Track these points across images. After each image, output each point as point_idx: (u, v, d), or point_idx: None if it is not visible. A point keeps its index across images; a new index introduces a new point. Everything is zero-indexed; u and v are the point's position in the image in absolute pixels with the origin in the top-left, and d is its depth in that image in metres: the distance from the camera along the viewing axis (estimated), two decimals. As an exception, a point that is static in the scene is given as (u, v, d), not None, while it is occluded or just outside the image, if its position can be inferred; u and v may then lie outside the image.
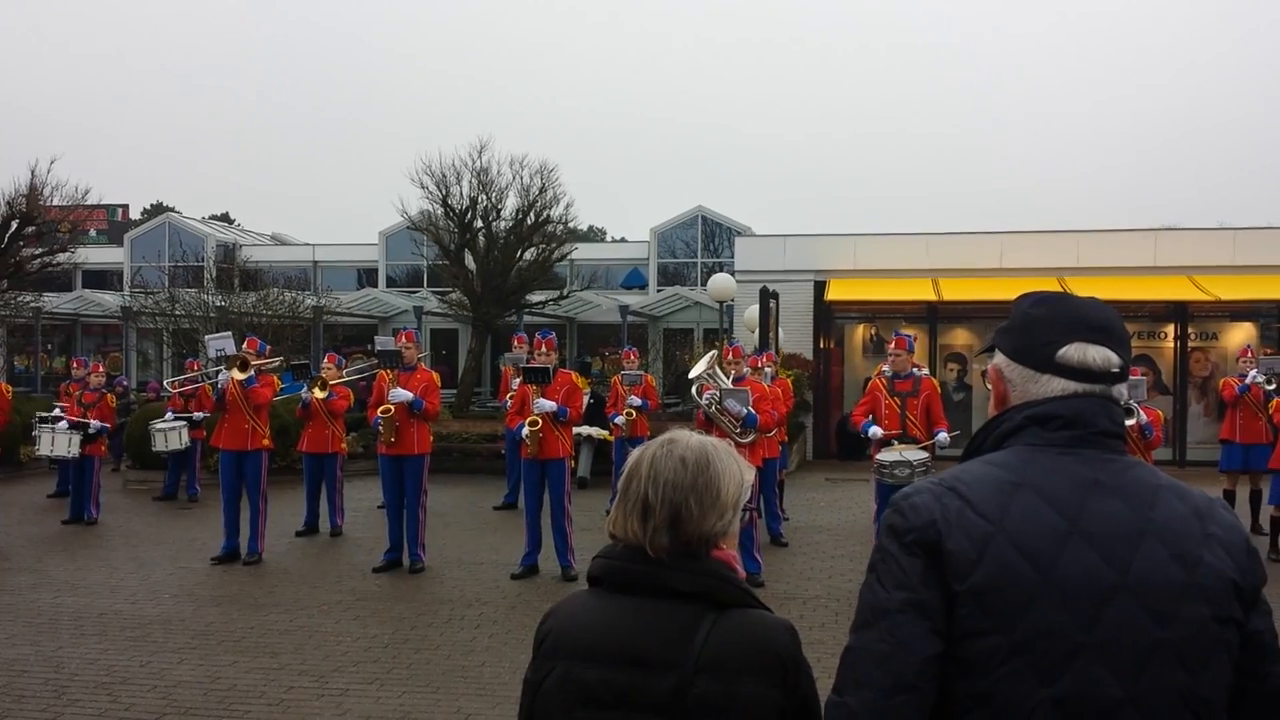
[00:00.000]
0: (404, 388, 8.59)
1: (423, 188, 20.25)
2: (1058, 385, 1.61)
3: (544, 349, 8.54)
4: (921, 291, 16.62)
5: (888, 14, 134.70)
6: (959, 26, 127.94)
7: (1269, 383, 10.27)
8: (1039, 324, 1.65)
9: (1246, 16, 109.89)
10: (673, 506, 1.69)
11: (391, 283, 30.89)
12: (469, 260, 20.66)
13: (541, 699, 1.72)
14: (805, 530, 10.50)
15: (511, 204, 20.75)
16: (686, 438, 1.79)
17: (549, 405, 8.27)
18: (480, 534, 10.27)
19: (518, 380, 9.11)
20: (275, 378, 9.73)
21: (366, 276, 31.62)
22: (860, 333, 18.28)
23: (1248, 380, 10.25)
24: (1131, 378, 7.44)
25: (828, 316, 17.97)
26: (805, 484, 14.02)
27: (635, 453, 1.83)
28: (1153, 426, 8.55)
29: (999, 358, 1.71)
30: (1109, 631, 1.45)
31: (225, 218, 47.90)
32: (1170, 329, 17.21)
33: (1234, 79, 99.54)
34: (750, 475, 1.81)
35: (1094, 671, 1.44)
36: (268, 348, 10.17)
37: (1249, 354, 10.95)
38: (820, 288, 17.52)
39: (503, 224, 20.77)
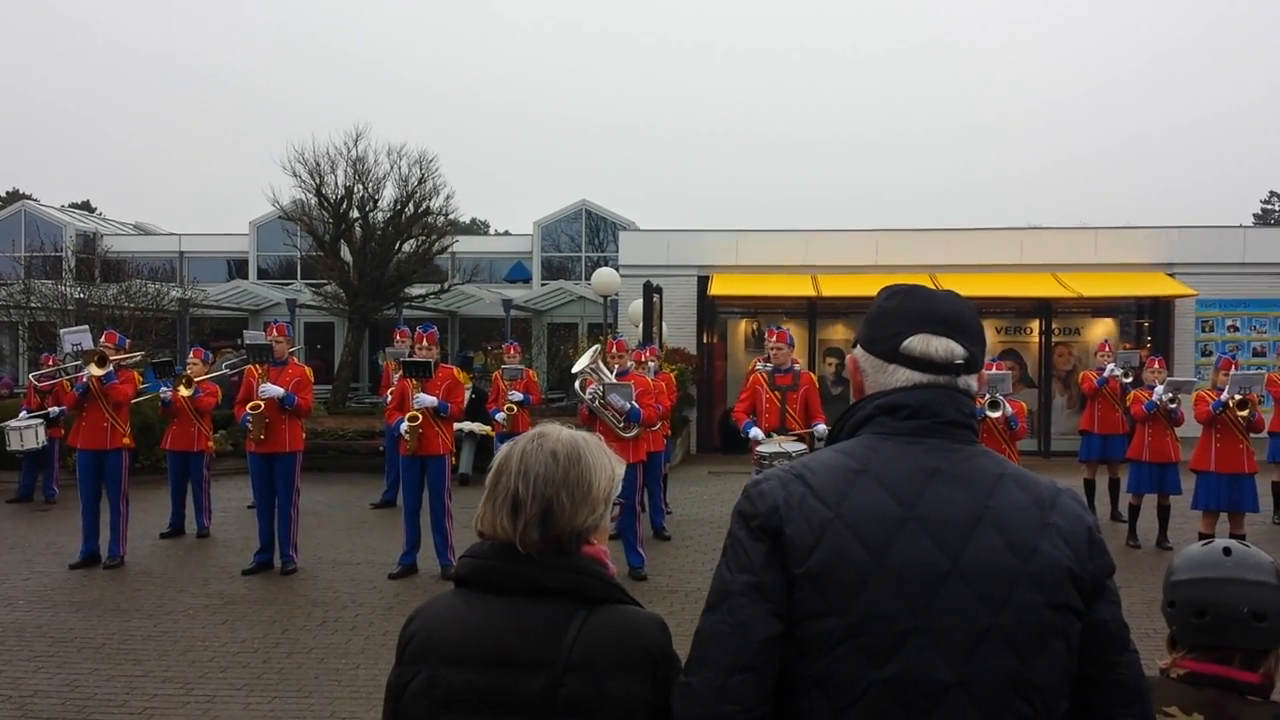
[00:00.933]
0: (275, 383, 8.31)
1: (295, 176, 19.57)
2: (903, 375, 1.64)
3: (425, 343, 8.40)
4: (801, 287, 16.91)
5: (772, 15, 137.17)
6: (840, 28, 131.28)
7: (1126, 375, 10.78)
8: (889, 315, 1.69)
9: (1113, 25, 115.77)
10: (544, 501, 1.67)
11: (263, 274, 30.02)
12: (345, 252, 20.09)
13: (406, 703, 1.67)
14: (688, 523, 10.55)
15: (389, 194, 20.25)
16: (557, 432, 1.76)
17: (429, 400, 8.14)
18: (356, 533, 10.02)
19: (398, 375, 8.90)
20: (136, 374, 9.29)
21: (236, 268, 30.65)
22: (743, 328, 18.51)
23: (1106, 373, 10.72)
24: (998, 371, 7.75)
25: (711, 311, 18.13)
26: (689, 477, 14.10)
27: (504, 448, 1.79)
28: (1017, 418, 8.85)
29: (857, 349, 1.75)
30: (940, 616, 1.47)
31: (86, 206, 45.71)
32: (1035, 324, 17.93)
33: (1096, 87, 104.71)
34: (620, 469, 1.80)
35: (924, 655, 1.46)
36: (128, 342, 9.68)
37: (1107, 348, 11.47)
38: (703, 283, 17.66)
39: (380, 215, 20.23)
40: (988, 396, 8.71)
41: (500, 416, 11.16)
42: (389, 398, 9.60)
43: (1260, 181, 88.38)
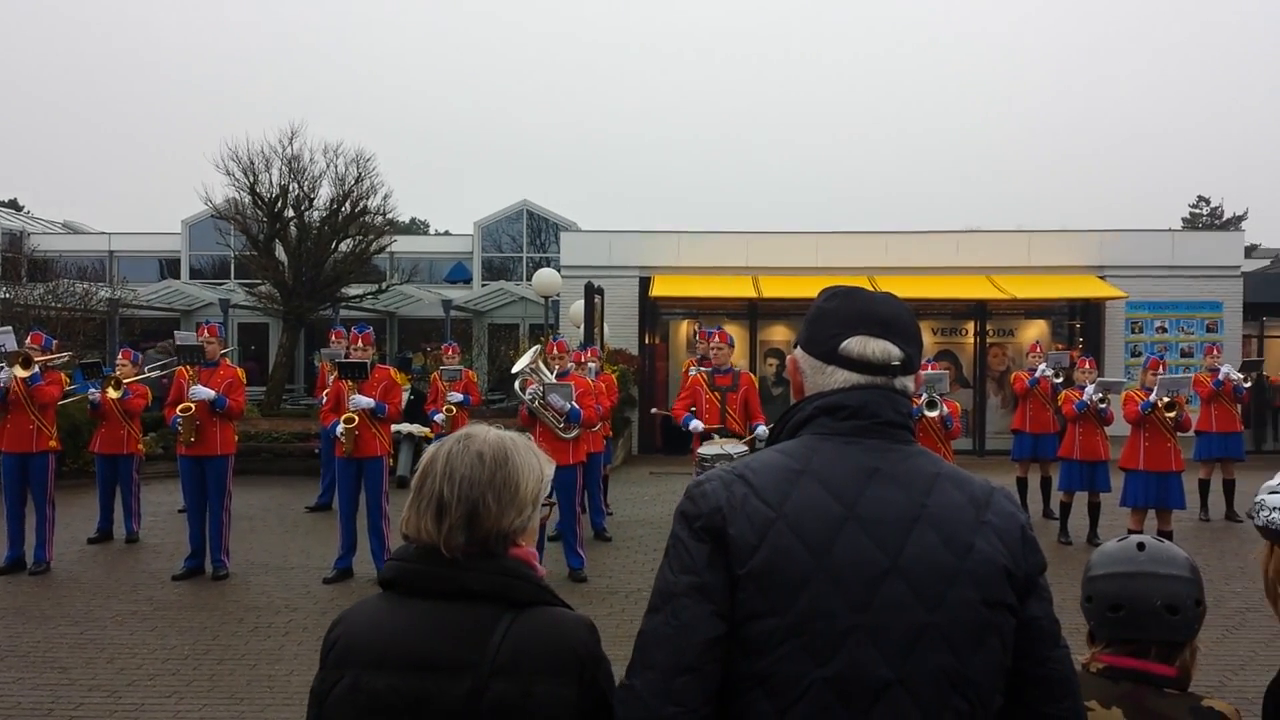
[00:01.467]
0: (206, 385, 8.14)
1: (229, 174, 19.20)
2: (841, 377, 1.66)
3: (360, 344, 8.29)
4: (742, 288, 17.02)
5: (716, 18, 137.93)
6: (781, 31, 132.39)
7: (1057, 376, 11.00)
8: (828, 317, 1.70)
9: (1047, 37, 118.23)
10: (469, 504, 1.65)
11: (196, 274, 29.45)
12: (280, 251, 19.76)
13: (329, 709, 1.64)
14: (629, 524, 10.55)
15: (325, 193, 19.95)
16: (484, 432, 1.74)
17: (366, 401, 8.04)
18: (291, 537, 9.85)
19: (333, 376, 8.77)
20: (64, 375, 9.05)
21: (168, 267, 30.03)
22: (684, 329, 18.56)
23: (1037, 374, 10.94)
24: (934, 372, 7.84)
25: (653, 312, 18.17)
26: (630, 478, 14.10)
27: (430, 449, 1.76)
28: (953, 418, 9.00)
29: (797, 350, 1.76)
30: (879, 614, 1.48)
31: (13, 204, 44.36)
32: (971, 326, 18.24)
33: (1034, 98, 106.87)
34: (550, 470, 1.78)
35: (865, 652, 1.47)
36: (55, 343, 9.43)
37: (1038, 349, 11.71)
38: (645, 284, 17.70)
39: (316, 214, 19.93)
40: (925, 396, 8.83)
41: (439, 418, 11.05)
42: (324, 399, 9.46)
43: (1188, 187, 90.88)
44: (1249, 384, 11.52)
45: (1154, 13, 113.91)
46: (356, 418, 8.03)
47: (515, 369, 8.38)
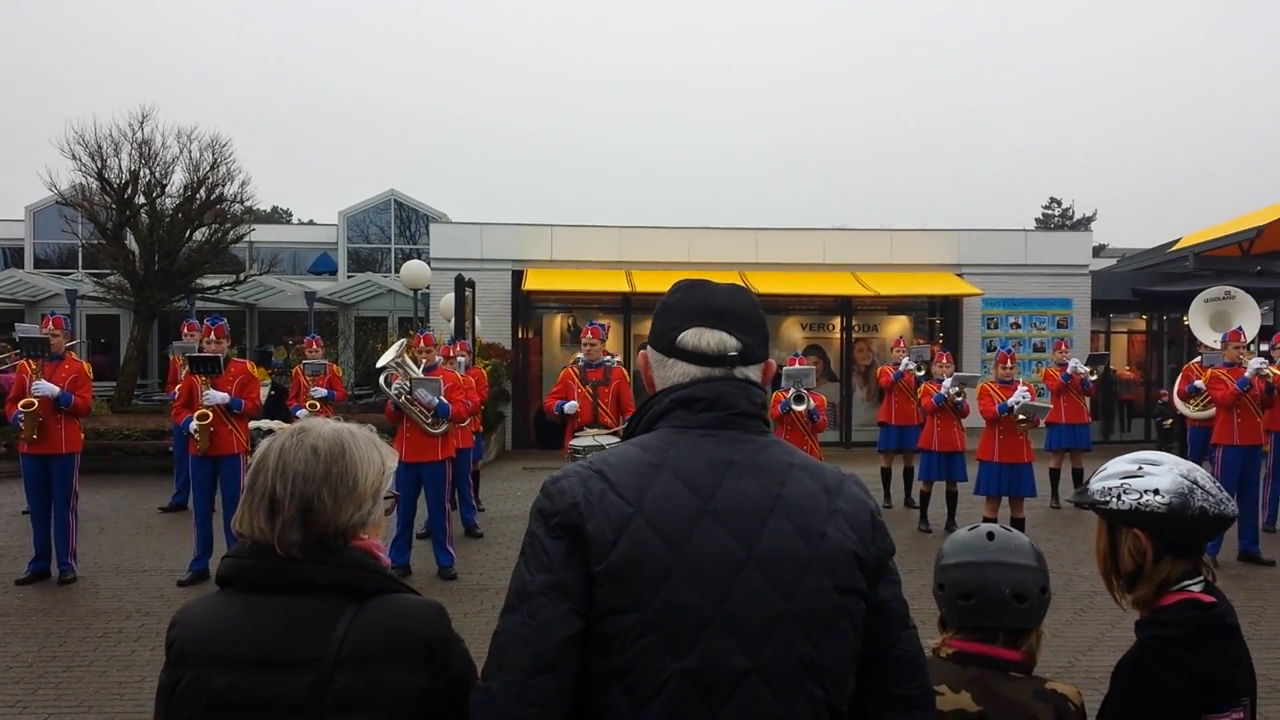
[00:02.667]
0: (50, 379, 7.70)
1: (75, 159, 18.13)
2: (679, 369, 1.67)
3: (213, 337, 7.97)
4: (616, 283, 17.03)
5: (588, 14, 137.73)
6: (653, 29, 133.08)
7: (919, 369, 11.38)
8: (668, 311, 1.71)
9: (912, 40, 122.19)
10: (303, 500, 1.62)
11: (41, 263, 27.96)
12: (130, 240, 18.80)
13: (174, 706, 1.60)
14: (501, 520, 10.44)
15: (179, 179, 19.04)
16: (320, 426, 1.71)
17: (220, 397, 7.75)
18: (144, 539, 9.42)
19: (185, 371, 8.40)
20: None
21: (11, 256, 28.45)
22: (558, 323, 18.49)
23: (901, 368, 11.29)
24: (801, 367, 8.00)
25: (526, 306, 18.03)
26: (503, 474, 13.97)
27: (263, 444, 1.71)
28: (819, 411, 9.21)
29: (648, 345, 1.76)
30: (736, 605, 1.49)
31: None
32: (837, 321, 18.71)
33: (901, 99, 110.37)
34: (393, 462, 1.75)
35: (721, 643, 1.48)
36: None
37: (901, 344, 12.09)
38: (518, 277, 17.53)
39: (169, 201, 19.02)
40: (792, 391, 9.02)
41: (302, 413, 10.70)
42: (176, 395, 9.06)
43: (1042, 188, 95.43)
44: (1095, 377, 12.12)
45: (1007, 20, 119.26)
46: (211, 414, 7.74)
47: (380, 363, 8.19)
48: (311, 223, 37.82)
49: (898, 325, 18.70)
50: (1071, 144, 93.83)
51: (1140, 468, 1.98)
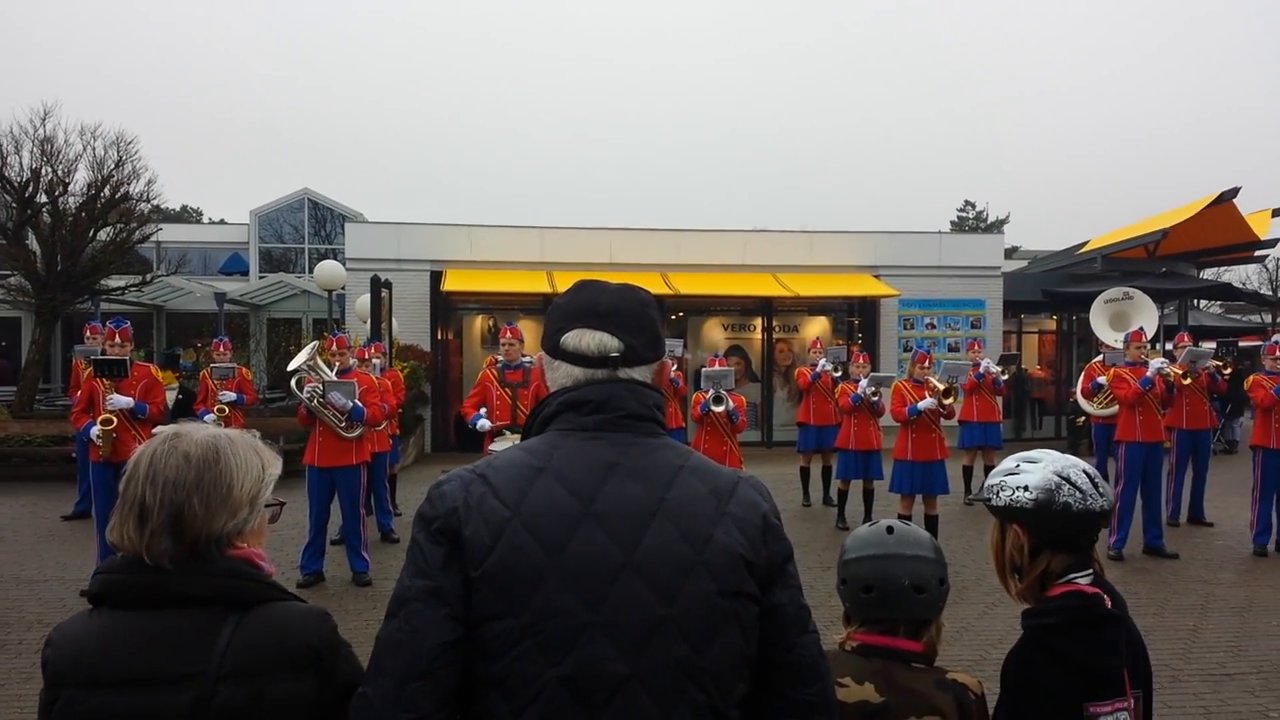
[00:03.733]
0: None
1: (-29, 157, 17.41)
2: (564, 371, 1.67)
3: (117, 339, 7.71)
4: (537, 284, 16.92)
5: (507, 12, 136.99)
6: (597, 31, 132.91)
7: (836, 370, 11.52)
8: (556, 312, 1.71)
9: (822, 42, 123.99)
10: (173, 508, 1.58)
11: (-63, 265, 26.58)
12: (32, 240, 18.13)
13: None
14: (418, 525, 10.27)
15: (82, 177, 18.41)
16: (193, 431, 1.68)
17: (124, 402, 7.51)
18: (45, 547, 9.11)
19: (87, 374, 8.11)
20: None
21: (-96, 256, 26.94)
22: (478, 324, 18.32)
23: (819, 368, 11.42)
24: (721, 368, 8.01)
25: (445, 307, 17.83)
26: (422, 477, 13.78)
27: (136, 451, 1.66)
28: (738, 412, 9.25)
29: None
30: (614, 610, 1.48)
31: None
32: (758, 322, 18.87)
33: (817, 102, 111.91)
34: (276, 469, 1.72)
35: (599, 649, 1.47)
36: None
37: (819, 345, 12.23)
38: (436, 278, 17.32)
39: (72, 200, 18.38)
40: (711, 392, 9.04)
41: (210, 418, 10.39)
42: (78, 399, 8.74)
43: (957, 191, 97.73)
44: (1006, 376, 12.40)
45: (926, 29, 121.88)
46: (114, 419, 7.48)
47: (291, 366, 8.01)
48: (223, 222, 37.03)
49: (817, 326, 18.93)
50: (986, 148, 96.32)
51: (1019, 465, 2.06)
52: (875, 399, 9.65)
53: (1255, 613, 7.06)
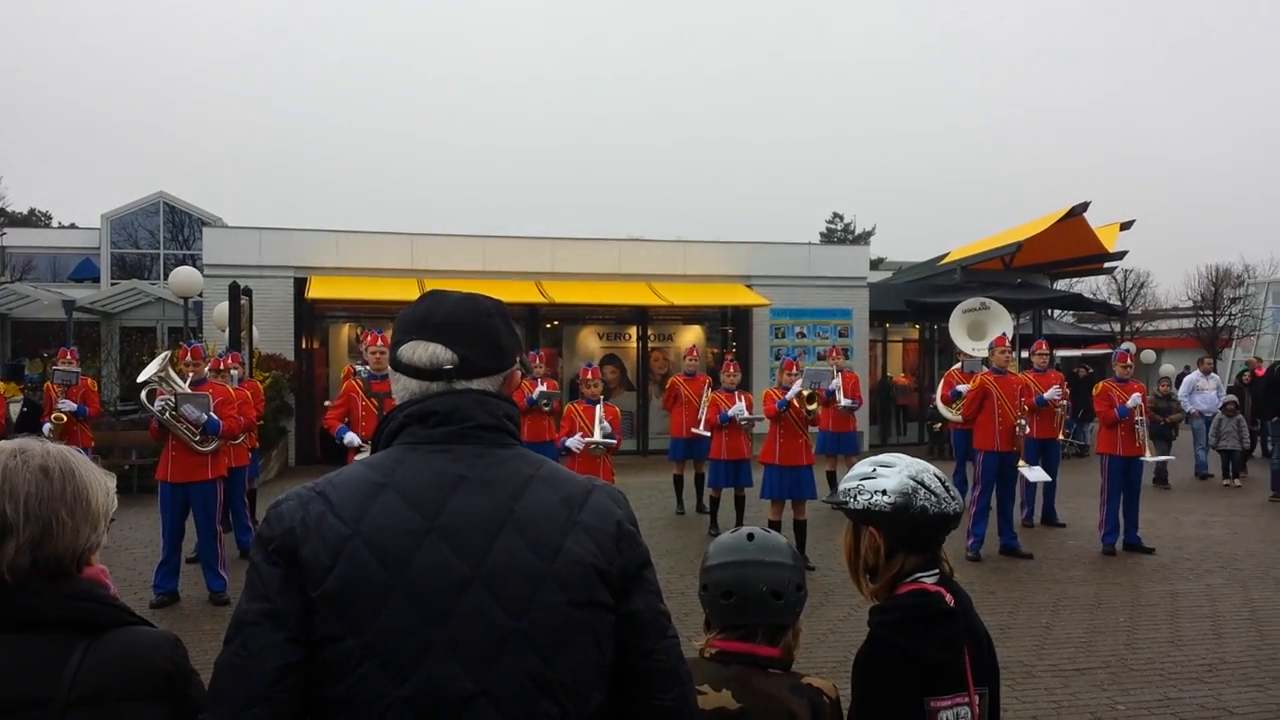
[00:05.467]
0: None
1: None
2: (402, 384, 1.65)
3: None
4: (407, 292, 16.50)
5: (398, 17, 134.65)
6: (474, 35, 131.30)
7: (704, 380, 11.59)
8: (399, 323, 1.69)
9: (701, 56, 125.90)
10: (41, 523, 1.55)
11: None
12: None
13: None
14: (280, 540, 9.89)
15: (-80, 178, 17.26)
16: (41, 446, 1.64)
17: (-49, 414, 6.94)
18: None
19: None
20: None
21: None
22: (345, 332, 17.86)
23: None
24: (592, 377, 7.86)
25: (310, 315, 17.33)
26: (285, 491, 13.26)
27: None
28: (610, 424, 9.16)
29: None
30: (460, 626, 1.46)
31: None
32: (634, 331, 18.96)
33: (692, 118, 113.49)
34: (112, 484, 1.71)
35: (445, 666, 1.44)
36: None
37: (694, 353, 12.32)
38: (301, 284, 16.81)
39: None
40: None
41: (47, 429, 9.75)
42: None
43: (826, 203, 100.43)
44: (848, 401, 12.58)
45: (792, 42, 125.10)
46: (-60, 433, 6.95)
47: (142, 378, 7.63)
48: (73, 226, 35.21)
49: (691, 334, 19.13)
50: (854, 162, 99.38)
51: (875, 470, 2.10)
52: (746, 416, 9.70)
53: (1104, 610, 7.38)
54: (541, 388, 10.81)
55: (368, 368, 8.80)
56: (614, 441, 8.64)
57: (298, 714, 1.45)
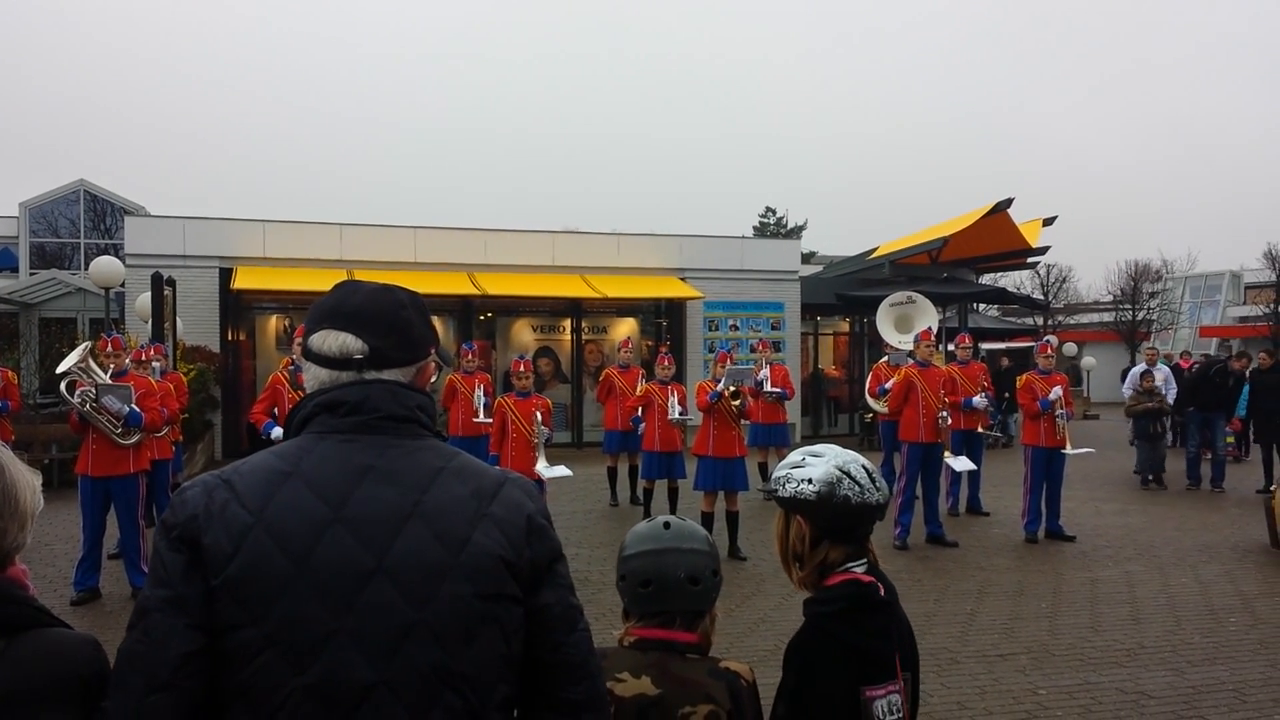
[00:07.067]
0: None
1: None
2: (313, 373, 1.64)
3: None
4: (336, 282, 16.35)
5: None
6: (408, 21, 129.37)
7: (639, 372, 11.63)
8: (313, 312, 1.68)
9: (649, 51, 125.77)
10: None
11: None
12: None
13: None
14: (205, 536, 9.72)
15: None
16: None
17: None
18: None
19: None
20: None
21: None
22: (273, 324, 17.56)
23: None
24: (524, 369, 7.82)
25: (236, 306, 17.01)
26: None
27: None
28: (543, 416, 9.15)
29: None
30: (362, 617, 1.45)
31: None
32: (568, 323, 18.92)
33: (628, 107, 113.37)
34: (38, 482, 1.69)
35: (346, 656, 1.44)
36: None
37: (628, 345, 12.33)
38: (227, 275, 16.48)
39: None
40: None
41: (-39, 425, 9.48)
42: None
43: (759, 198, 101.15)
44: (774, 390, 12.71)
45: (724, 41, 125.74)
46: None
47: (61, 369, 7.44)
48: (-10, 215, 34.03)
49: (626, 327, 19.15)
50: (786, 156, 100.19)
51: (804, 459, 2.14)
52: (683, 415, 9.77)
53: (1026, 597, 7.57)
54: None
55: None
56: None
57: (200, 702, 1.44)
